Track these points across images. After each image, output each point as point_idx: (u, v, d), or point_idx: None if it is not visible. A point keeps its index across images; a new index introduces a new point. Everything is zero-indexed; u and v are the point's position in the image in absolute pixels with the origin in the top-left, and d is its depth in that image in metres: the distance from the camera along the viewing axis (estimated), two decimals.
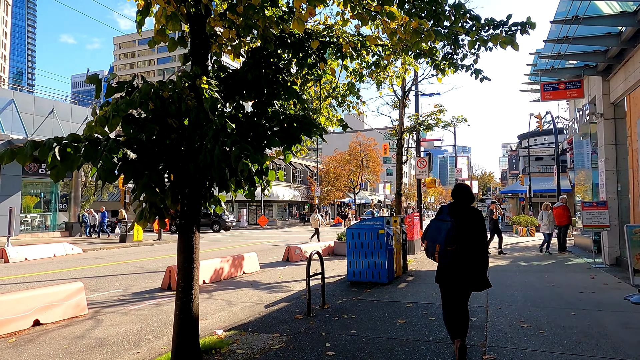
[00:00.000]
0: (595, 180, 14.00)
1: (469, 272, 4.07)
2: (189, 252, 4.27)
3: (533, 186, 33.22)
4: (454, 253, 4.06)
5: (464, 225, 4.10)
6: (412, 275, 10.03)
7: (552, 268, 10.60)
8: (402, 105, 12.98)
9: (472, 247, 4.08)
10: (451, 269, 4.10)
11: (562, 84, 11.27)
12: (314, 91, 6.74)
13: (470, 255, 4.07)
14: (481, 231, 4.13)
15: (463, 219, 4.12)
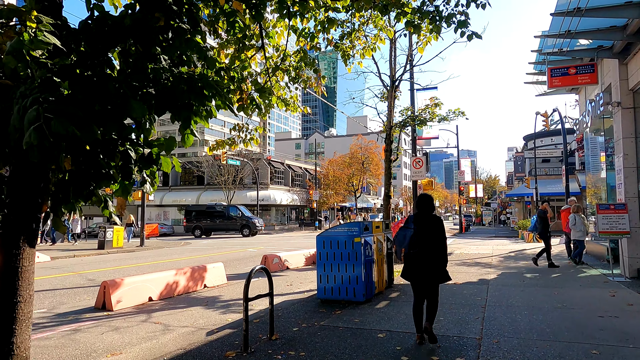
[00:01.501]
0: (610, 181, 12.46)
1: (429, 269, 4.80)
2: (9, 278, 2.82)
3: (540, 189, 31.54)
4: (416, 254, 4.84)
5: (425, 231, 4.84)
6: (398, 290, 8.55)
7: (563, 282, 9.07)
8: (390, 96, 11.56)
9: (431, 249, 4.81)
10: (414, 267, 4.87)
11: (573, 68, 9.79)
12: (257, 63, 5.34)
13: (429, 255, 4.80)
14: (440, 235, 4.85)
15: (424, 226, 4.85)
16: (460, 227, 35.72)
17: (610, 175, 12.39)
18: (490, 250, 17.03)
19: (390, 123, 11.65)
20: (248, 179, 45.18)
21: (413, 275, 4.91)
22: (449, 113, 12.97)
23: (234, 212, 33.91)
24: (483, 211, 58.01)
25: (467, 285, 8.92)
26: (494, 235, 29.77)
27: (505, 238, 26.96)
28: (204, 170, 45.46)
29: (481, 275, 10.33)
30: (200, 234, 33.51)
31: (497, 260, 13.67)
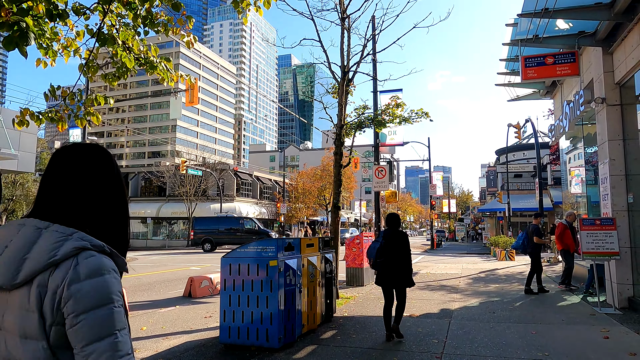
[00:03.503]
0: (591, 194, 11.01)
1: (395, 275, 5.79)
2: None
3: (512, 204, 30.49)
4: (382, 263, 5.83)
5: (392, 243, 5.84)
6: (337, 326, 6.65)
7: (541, 315, 7.36)
8: (342, 90, 9.85)
9: (396, 258, 5.80)
10: (382, 274, 5.86)
11: (550, 57, 8.30)
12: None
13: (395, 263, 5.78)
14: (404, 247, 5.84)
15: (391, 239, 5.88)
16: (432, 243, 34.26)
17: (591, 190, 10.94)
18: (459, 269, 15.39)
19: (341, 121, 9.90)
20: (212, 190, 42.74)
21: (383, 281, 5.85)
22: (411, 114, 11.31)
23: (248, 224, 31.41)
24: (456, 226, 57.06)
25: (424, 320, 7.10)
26: (465, 252, 28.34)
27: (477, 255, 25.52)
28: (165, 180, 42.79)
29: (444, 304, 8.56)
30: (210, 248, 30.07)
31: (465, 282, 11.97)
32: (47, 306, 1.01)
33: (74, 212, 1.13)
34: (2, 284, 1.04)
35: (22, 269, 1.03)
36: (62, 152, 1.18)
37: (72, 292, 1.00)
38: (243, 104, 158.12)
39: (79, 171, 1.15)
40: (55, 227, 1.08)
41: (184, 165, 34.20)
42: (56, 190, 1.13)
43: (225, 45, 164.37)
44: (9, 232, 1.10)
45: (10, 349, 1.03)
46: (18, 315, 1.03)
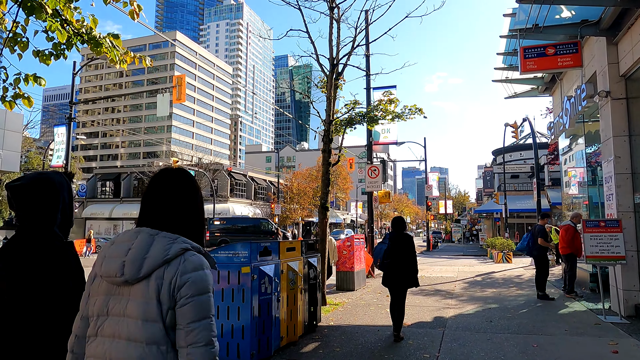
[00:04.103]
0: (593, 194, 10.50)
1: (400, 276, 5.96)
2: None
3: (509, 205, 30.04)
4: (389, 264, 6.00)
5: (397, 246, 6.01)
6: (321, 337, 6.09)
7: (542, 324, 6.82)
8: (330, 83, 9.29)
9: (401, 260, 5.95)
10: (388, 274, 6.05)
11: (551, 48, 7.77)
12: None
13: (400, 265, 5.94)
14: (409, 249, 6.02)
15: (397, 241, 6.04)
16: (428, 244, 33.75)
17: (593, 190, 10.43)
18: (455, 272, 14.85)
19: (330, 117, 9.34)
20: (206, 191, 42.09)
21: (389, 281, 6.04)
22: (404, 110, 10.78)
23: (264, 224, 31.04)
24: (453, 228, 56.61)
25: (416, 330, 6.54)
26: (461, 254, 27.83)
27: (473, 257, 25.01)
28: None
29: (438, 311, 8.01)
30: None
31: (461, 286, 11.43)
32: (164, 294, 1.31)
33: (174, 222, 1.45)
34: (128, 278, 1.33)
35: (144, 265, 1.34)
36: (161, 176, 1.52)
37: (183, 281, 1.31)
38: (239, 105, 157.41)
39: (176, 191, 1.49)
40: (164, 234, 1.40)
41: (176, 165, 33.55)
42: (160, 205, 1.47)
43: (222, 46, 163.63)
44: (129, 237, 1.42)
45: (131, 330, 1.29)
46: (140, 302, 1.31)
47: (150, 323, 1.30)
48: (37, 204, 1.70)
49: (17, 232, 1.71)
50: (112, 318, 1.36)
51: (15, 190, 1.70)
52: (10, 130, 22.39)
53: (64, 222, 1.79)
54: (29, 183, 1.70)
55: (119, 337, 1.33)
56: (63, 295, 1.62)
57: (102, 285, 1.41)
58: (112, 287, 1.39)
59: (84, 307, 1.45)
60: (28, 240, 1.66)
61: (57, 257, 1.65)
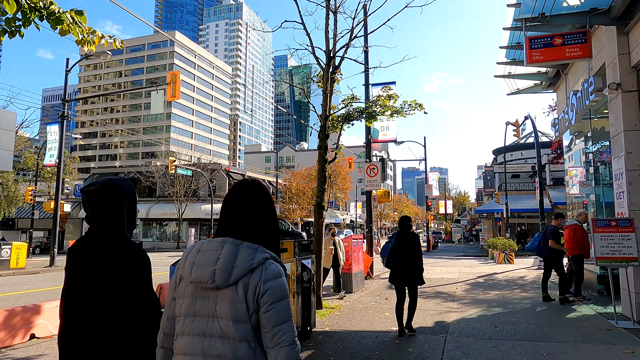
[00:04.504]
0: (601, 193, 10.11)
1: (406, 273, 6.14)
2: None
3: (510, 205, 29.65)
4: (395, 262, 6.18)
5: (403, 244, 6.16)
6: (315, 345, 5.69)
7: (550, 330, 6.43)
8: (327, 77, 8.89)
9: (408, 258, 6.13)
10: (395, 272, 6.23)
11: (559, 37, 7.37)
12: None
13: (406, 262, 6.12)
14: (415, 248, 6.18)
15: (403, 240, 6.20)
16: (428, 244, 33.35)
17: (600, 189, 10.05)
18: (456, 274, 14.46)
19: (326, 112, 8.94)
20: (204, 191, 41.67)
21: (395, 279, 6.23)
22: (404, 105, 10.38)
23: (285, 225, 31.04)
24: (453, 228, 56.22)
25: (416, 336, 6.14)
26: (462, 255, 27.45)
27: (474, 258, 24.63)
28: (155, 181, 41.69)
29: (440, 315, 7.62)
30: None
31: (462, 288, 11.04)
32: (250, 299, 1.47)
33: (253, 232, 1.61)
34: (219, 285, 1.49)
35: (232, 274, 1.50)
36: (240, 189, 1.68)
37: (265, 288, 1.47)
38: (239, 105, 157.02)
39: (254, 203, 1.65)
40: (247, 244, 1.56)
41: (173, 165, 33.14)
42: (240, 217, 1.62)
43: (221, 46, 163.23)
44: (215, 247, 1.58)
45: (224, 329, 1.48)
46: (230, 305, 1.48)
47: (240, 323, 1.46)
48: (107, 207, 1.88)
49: (88, 231, 1.90)
50: (201, 318, 1.50)
51: (89, 195, 1.88)
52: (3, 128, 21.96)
53: (129, 223, 1.96)
54: (101, 188, 1.88)
55: (211, 335, 1.48)
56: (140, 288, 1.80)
57: (188, 288, 1.54)
58: (198, 290, 1.52)
59: (169, 309, 1.60)
60: (101, 239, 1.84)
61: (133, 253, 1.82)
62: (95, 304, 1.76)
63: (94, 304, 1.76)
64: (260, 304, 1.46)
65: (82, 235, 10.66)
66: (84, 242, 1.88)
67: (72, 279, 1.84)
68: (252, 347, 1.46)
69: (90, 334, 1.74)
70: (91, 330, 1.74)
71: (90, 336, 1.74)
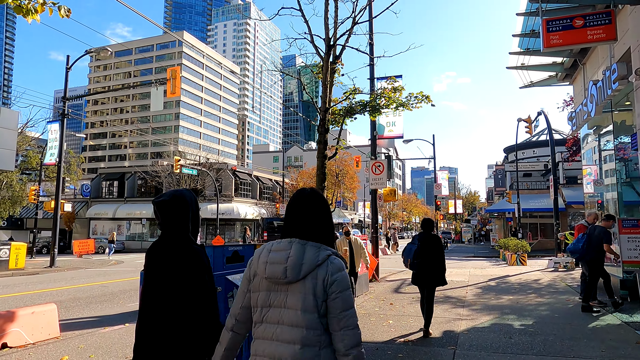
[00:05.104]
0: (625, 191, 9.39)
1: (429, 275, 6.26)
2: None
3: (522, 204, 28.75)
4: (418, 263, 6.31)
5: (426, 246, 6.29)
6: None
7: (572, 343, 5.77)
8: (326, 67, 8.31)
9: (430, 260, 6.24)
10: (418, 273, 6.36)
11: (579, 19, 6.70)
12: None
13: (429, 265, 6.24)
14: (438, 249, 6.31)
15: (426, 242, 6.32)
16: None
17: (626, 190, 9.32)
18: (466, 276, 13.78)
19: (326, 104, 8.36)
20: (210, 190, 41.30)
21: (418, 280, 6.41)
22: (410, 98, 9.78)
23: None
24: (462, 228, 55.22)
25: (422, 349, 5.54)
26: (472, 255, 26.67)
27: (485, 258, 23.87)
28: (161, 180, 41.44)
29: (448, 323, 7.00)
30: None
31: (473, 293, 10.39)
32: (319, 290, 1.70)
33: (315, 232, 1.85)
34: (290, 280, 1.72)
35: (302, 270, 1.73)
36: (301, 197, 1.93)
37: (333, 280, 1.71)
38: (247, 105, 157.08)
39: (314, 208, 1.89)
40: (311, 243, 1.80)
41: (178, 164, 32.79)
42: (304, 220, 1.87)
43: (229, 46, 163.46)
44: (284, 247, 1.82)
45: (293, 318, 1.70)
46: (299, 297, 1.71)
47: (308, 313, 1.69)
48: (174, 215, 2.17)
49: (160, 236, 2.19)
50: (275, 309, 1.77)
51: (159, 205, 2.17)
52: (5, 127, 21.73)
53: (193, 228, 2.23)
54: (169, 199, 2.18)
55: (283, 323, 1.73)
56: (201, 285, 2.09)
57: (262, 283, 1.81)
58: (271, 285, 1.79)
59: (243, 299, 1.86)
60: (170, 243, 2.15)
61: (195, 256, 2.12)
62: (166, 298, 2.07)
63: (166, 298, 2.07)
64: (329, 293, 1.69)
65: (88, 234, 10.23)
66: (157, 245, 2.18)
67: (148, 278, 2.15)
68: (318, 334, 1.67)
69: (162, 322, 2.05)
70: (163, 319, 2.05)
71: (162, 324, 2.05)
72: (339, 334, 1.66)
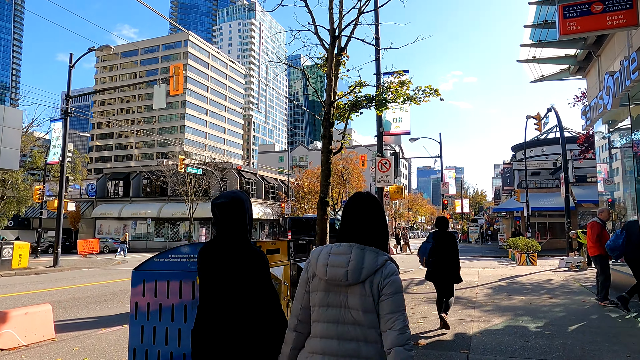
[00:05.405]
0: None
1: (444, 272, 6.39)
2: None
3: (530, 203, 28.25)
4: (434, 261, 6.45)
5: (441, 244, 6.44)
6: None
7: (593, 346, 5.42)
8: (330, 59, 8.01)
9: (445, 258, 6.38)
10: (433, 271, 6.48)
11: (598, 4, 6.34)
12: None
13: (444, 263, 6.36)
14: (453, 247, 6.45)
15: (441, 241, 6.46)
16: None
17: None
18: (475, 276, 13.42)
19: (331, 97, 8.06)
20: (215, 190, 41.14)
21: (434, 277, 6.51)
22: (417, 91, 9.46)
23: (338, 224, 30.51)
24: (469, 227, 54.65)
25: (433, 353, 5.22)
26: (480, 255, 26.25)
27: (493, 258, 23.45)
28: (166, 180, 41.35)
29: (459, 325, 6.68)
30: None
31: (483, 293, 10.04)
32: (374, 292, 1.78)
33: (372, 237, 1.92)
34: (351, 282, 1.80)
35: (362, 273, 1.81)
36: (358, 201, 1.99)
37: (386, 282, 1.79)
38: (252, 105, 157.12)
39: (371, 213, 1.96)
40: (369, 248, 1.87)
41: (183, 163, 32.64)
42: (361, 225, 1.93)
43: (235, 46, 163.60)
44: (344, 251, 1.88)
45: (356, 318, 1.79)
46: (359, 298, 1.79)
47: (369, 313, 1.78)
48: (233, 216, 2.24)
49: (217, 236, 2.26)
50: (334, 308, 1.83)
51: (219, 207, 2.25)
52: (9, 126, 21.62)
53: (249, 229, 2.32)
54: (228, 201, 2.26)
55: (344, 322, 1.80)
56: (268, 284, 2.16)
57: (321, 283, 1.88)
58: (329, 286, 1.86)
59: (302, 299, 1.93)
60: (230, 243, 2.20)
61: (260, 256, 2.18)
62: (229, 298, 2.09)
63: (228, 298, 2.09)
64: (381, 294, 1.78)
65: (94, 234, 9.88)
66: (214, 245, 2.20)
67: (208, 279, 2.16)
68: (378, 333, 1.78)
69: (225, 323, 2.07)
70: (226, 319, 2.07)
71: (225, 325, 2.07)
72: (387, 334, 1.74)
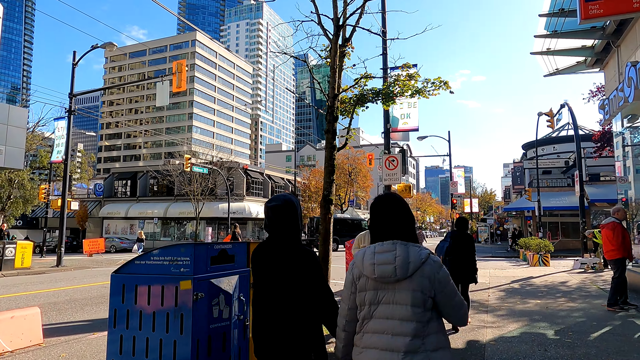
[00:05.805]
0: None
1: (460, 272, 6.36)
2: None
3: (542, 202, 27.57)
4: (450, 260, 6.44)
5: (458, 244, 6.51)
6: None
7: (619, 355, 4.96)
8: (335, 49, 7.63)
9: (462, 258, 6.44)
10: (449, 270, 5.40)
11: None
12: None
13: (460, 262, 6.41)
14: (470, 248, 6.52)
15: (458, 240, 6.55)
16: None
17: None
18: (486, 277, 12.93)
19: (335, 90, 7.67)
20: (221, 189, 40.92)
21: None
22: (426, 84, 8.99)
23: (364, 223, 32.12)
24: (479, 227, 53.87)
25: None
26: (490, 255, 25.65)
27: (504, 258, 22.87)
28: (173, 180, 41.24)
29: (472, 331, 6.24)
30: (335, 247, 31.06)
31: (496, 296, 9.58)
32: (425, 286, 1.87)
33: (407, 233, 2.02)
34: (399, 278, 1.89)
35: (409, 268, 1.90)
36: (389, 202, 2.10)
37: (440, 277, 1.90)
38: (260, 104, 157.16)
39: (402, 212, 2.07)
40: (411, 244, 1.98)
41: (188, 163, 32.43)
42: (396, 223, 2.03)
43: (242, 46, 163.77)
44: (388, 248, 1.97)
45: (403, 313, 1.86)
46: (407, 293, 1.87)
47: (416, 307, 1.86)
48: (286, 218, 2.34)
49: (270, 238, 2.37)
50: (384, 305, 1.92)
51: (273, 209, 2.35)
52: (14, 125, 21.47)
53: (300, 230, 2.41)
54: (281, 204, 2.36)
55: (393, 318, 1.88)
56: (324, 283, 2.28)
57: (369, 282, 1.96)
58: (378, 284, 1.94)
59: (349, 301, 2.03)
60: (283, 244, 2.30)
61: (313, 257, 2.30)
62: (284, 297, 2.21)
63: (284, 298, 2.21)
64: (437, 289, 1.89)
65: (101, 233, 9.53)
66: (268, 246, 2.33)
67: (260, 279, 2.32)
68: (423, 326, 1.86)
69: (282, 321, 2.19)
70: (283, 318, 2.19)
71: (283, 323, 2.19)
72: (454, 315, 1.94)
